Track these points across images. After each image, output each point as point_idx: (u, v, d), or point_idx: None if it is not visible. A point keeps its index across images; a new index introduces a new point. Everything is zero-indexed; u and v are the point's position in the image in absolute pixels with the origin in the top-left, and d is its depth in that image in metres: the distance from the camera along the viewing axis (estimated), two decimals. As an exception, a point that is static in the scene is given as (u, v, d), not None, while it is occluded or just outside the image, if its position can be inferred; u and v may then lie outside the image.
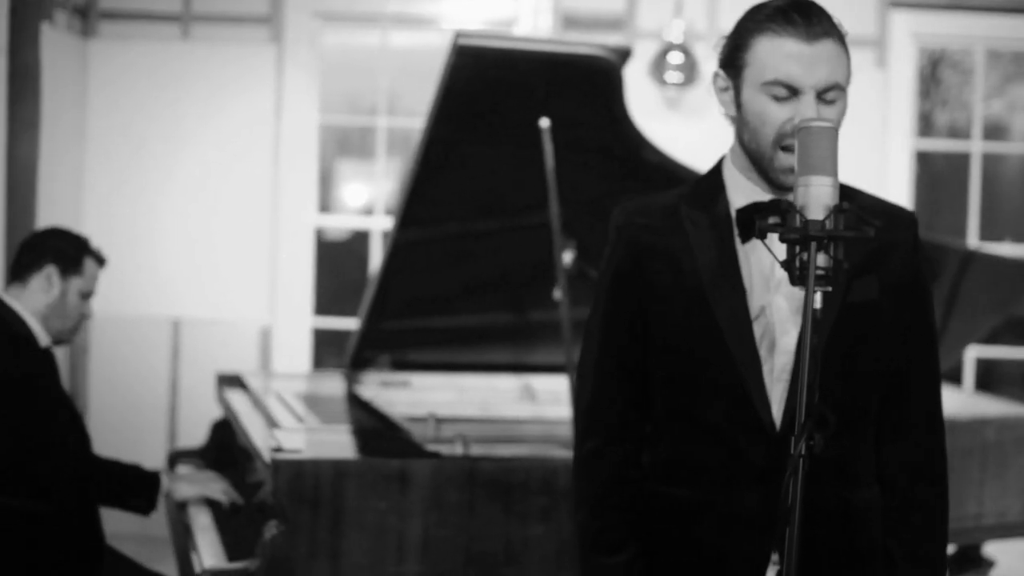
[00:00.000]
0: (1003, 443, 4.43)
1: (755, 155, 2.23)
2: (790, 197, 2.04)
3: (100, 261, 4.01)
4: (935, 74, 7.26)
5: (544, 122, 3.90)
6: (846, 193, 2.23)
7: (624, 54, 3.87)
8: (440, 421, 3.90)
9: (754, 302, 2.23)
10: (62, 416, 3.86)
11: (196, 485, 3.88)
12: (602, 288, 2.35)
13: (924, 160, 7.19)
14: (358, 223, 7.46)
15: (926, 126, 7.19)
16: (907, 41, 6.67)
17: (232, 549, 3.46)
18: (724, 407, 2.22)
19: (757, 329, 2.22)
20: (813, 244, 1.92)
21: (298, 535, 3.21)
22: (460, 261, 4.48)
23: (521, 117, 3.92)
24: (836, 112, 2.19)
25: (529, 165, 3.96)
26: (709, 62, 6.46)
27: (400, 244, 4.23)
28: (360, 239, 7.32)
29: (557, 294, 3.94)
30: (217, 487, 3.87)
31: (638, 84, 6.50)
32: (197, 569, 3.35)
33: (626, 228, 2.32)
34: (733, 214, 2.23)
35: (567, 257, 4.03)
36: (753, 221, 2.07)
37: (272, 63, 6.76)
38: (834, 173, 2.00)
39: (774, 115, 2.18)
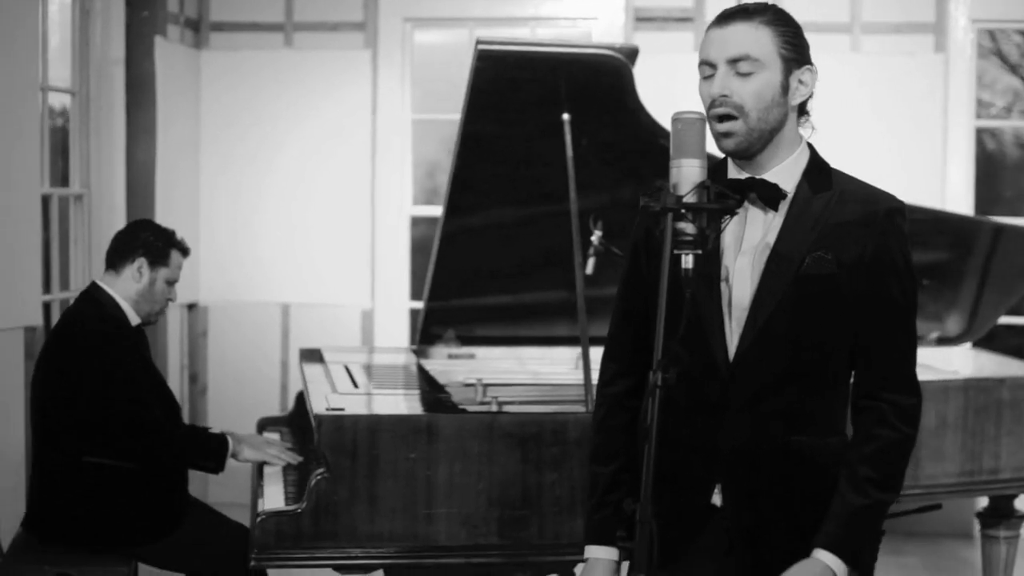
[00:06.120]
0: (1018, 401, 4.72)
1: None
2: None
3: (184, 252, 4.47)
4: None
5: (565, 116, 4.27)
6: (835, 178, 2.61)
7: (632, 53, 4.25)
8: (487, 386, 4.32)
9: (724, 263, 2.60)
10: (150, 386, 4.33)
11: (255, 449, 4.31)
12: (626, 252, 2.80)
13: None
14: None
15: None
16: (965, 25, 6.91)
17: (292, 499, 3.92)
18: (691, 350, 2.55)
19: (724, 287, 2.60)
20: (671, 215, 2.33)
21: (339, 482, 3.67)
22: (506, 244, 4.84)
23: (544, 112, 4.28)
24: (752, 85, 2.54)
25: (557, 156, 4.30)
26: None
27: (449, 230, 4.64)
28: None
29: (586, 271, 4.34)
30: (272, 451, 4.28)
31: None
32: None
33: (643, 205, 2.70)
34: None
35: (595, 238, 4.45)
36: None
37: (368, 65, 7.27)
38: (702, 156, 2.40)
39: (703, 91, 2.60)
